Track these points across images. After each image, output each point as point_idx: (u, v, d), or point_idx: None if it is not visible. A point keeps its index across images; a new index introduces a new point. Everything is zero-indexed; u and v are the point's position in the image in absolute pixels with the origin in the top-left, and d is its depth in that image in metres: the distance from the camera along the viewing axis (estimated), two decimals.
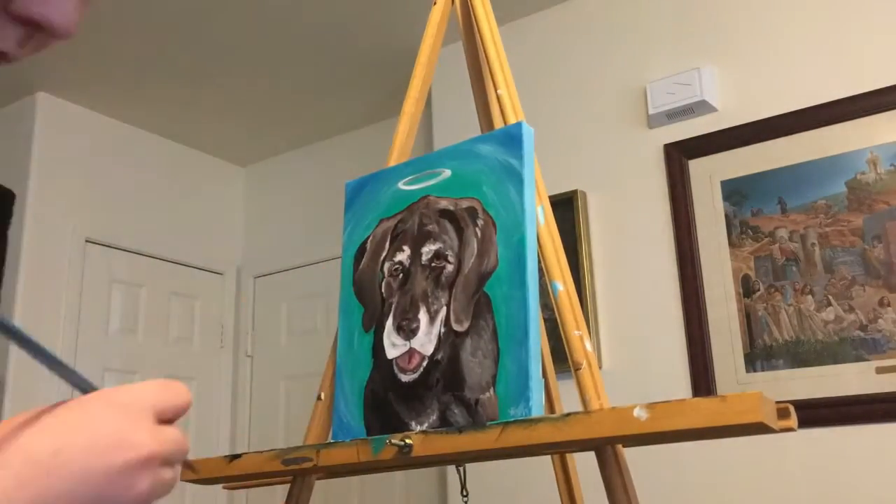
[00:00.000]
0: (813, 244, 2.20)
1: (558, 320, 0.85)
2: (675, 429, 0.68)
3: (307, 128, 3.63)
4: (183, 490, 3.37)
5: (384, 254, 0.95)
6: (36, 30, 0.51)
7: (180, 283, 3.60)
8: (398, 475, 3.04)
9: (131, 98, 3.32)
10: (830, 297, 2.15)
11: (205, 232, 3.75)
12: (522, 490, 2.37)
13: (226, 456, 0.95)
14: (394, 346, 0.90)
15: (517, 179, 0.87)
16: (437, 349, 0.87)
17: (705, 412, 0.67)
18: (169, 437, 0.50)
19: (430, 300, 0.89)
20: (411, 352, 0.89)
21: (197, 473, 0.94)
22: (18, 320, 2.99)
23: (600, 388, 0.80)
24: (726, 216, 2.33)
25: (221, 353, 3.72)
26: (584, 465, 1.05)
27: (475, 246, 0.88)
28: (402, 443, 0.80)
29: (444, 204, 0.93)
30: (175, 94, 3.30)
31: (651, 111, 2.48)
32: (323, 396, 0.99)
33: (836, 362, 2.10)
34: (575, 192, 2.56)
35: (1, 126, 3.31)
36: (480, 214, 0.89)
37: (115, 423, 0.48)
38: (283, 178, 3.85)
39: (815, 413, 2.05)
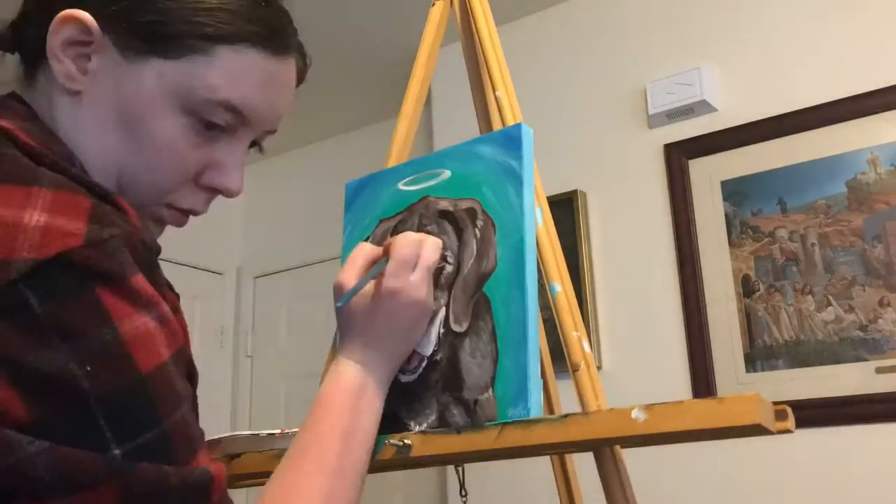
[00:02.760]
0: (813, 244, 2.20)
1: (556, 321, 0.85)
2: (672, 430, 0.68)
3: (307, 128, 3.64)
4: None
5: None
6: (216, 193, 0.74)
7: (180, 283, 3.55)
8: (398, 475, 3.04)
9: None
10: (830, 297, 2.15)
11: (205, 232, 3.74)
12: (521, 490, 2.37)
13: (226, 455, 0.95)
14: None
15: (516, 181, 0.87)
16: (436, 350, 0.87)
17: (702, 414, 0.67)
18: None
19: None
20: (411, 352, 0.89)
21: None
22: None
23: (598, 389, 0.80)
24: (726, 216, 2.33)
25: (221, 353, 3.72)
26: (584, 465, 1.05)
27: (474, 247, 0.88)
28: (401, 443, 0.80)
29: (443, 205, 0.93)
30: None
31: (651, 111, 2.48)
32: None
33: (836, 362, 2.11)
34: (575, 192, 2.56)
35: None
36: (480, 215, 0.89)
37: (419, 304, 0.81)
38: (283, 178, 3.85)
39: (815, 413, 2.05)
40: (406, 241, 0.81)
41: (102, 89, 0.67)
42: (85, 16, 0.65)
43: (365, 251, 0.83)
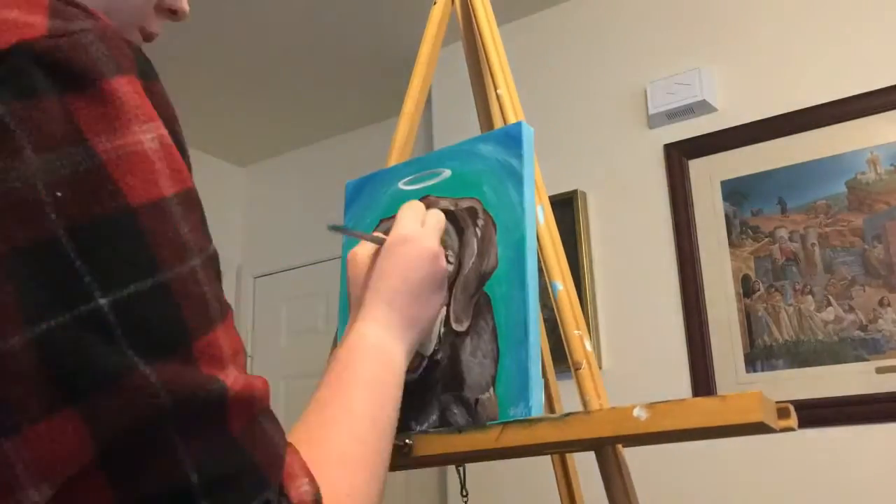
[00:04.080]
0: (813, 244, 2.20)
1: (558, 320, 0.85)
2: (674, 429, 0.68)
3: (307, 128, 3.64)
4: None
5: None
6: (170, 17, 0.67)
7: None
8: (398, 475, 3.04)
9: None
10: (830, 298, 2.15)
11: None
12: (522, 490, 2.37)
13: None
14: None
15: (517, 179, 0.87)
16: (436, 349, 0.87)
17: (705, 412, 0.67)
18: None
19: None
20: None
21: None
22: None
23: (600, 388, 0.80)
24: (726, 216, 2.33)
25: None
26: (585, 464, 1.05)
27: (475, 246, 0.88)
28: (402, 443, 0.80)
29: (444, 204, 0.93)
30: (175, 94, 3.29)
31: (651, 111, 2.48)
32: None
33: (836, 362, 2.10)
34: (575, 192, 2.56)
35: None
36: (480, 214, 0.89)
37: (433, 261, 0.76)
38: (283, 178, 3.86)
39: (815, 413, 2.05)
40: (412, 202, 0.81)
41: None
42: None
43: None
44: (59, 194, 0.40)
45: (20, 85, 0.41)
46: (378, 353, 0.68)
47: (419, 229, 0.76)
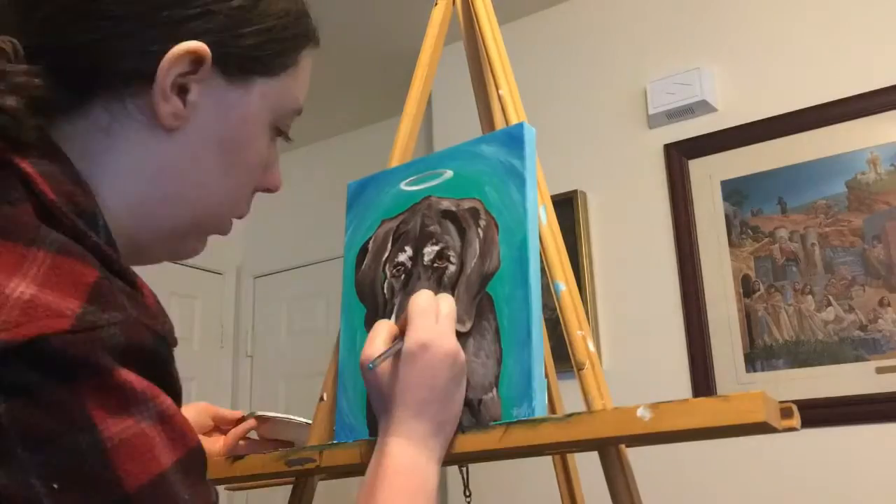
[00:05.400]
0: (813, 244, 2.20)
1: (561, 320, 0.85)
2: (677, 429, 0.68)
3: (307, 128, 3.63)
4: None
5: (386, 255, 0.95)
6: (265, 192, 0.70)
7: (180, 283, 3.59)
8: None
9: None
10: (830, 297, 2.15)
11: None
12: (523, 490, 2.37)
13: (229, 457, 0.95)
14: None
15: (519, 180, 0.87)
16: None
17: (708, 412, 0.67)
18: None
19: None
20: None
21: None
22: None
23: (603, 388, 0.80)
24: (726, 216, 2.34)
25: (221, 353, 3.72)
26: (587, 465, 1.05)
27: (477, 246, 0.88)
28: None
29: (446, 205, 0.93)
30: None
31: (651, 111, 2.48)
32: (325, 397, 0.99)
33: (836, 362, 2.11)
34: (575, 192, 2.57)
35: None
36: (482, 215, 0.89)
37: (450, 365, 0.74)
38: (284, 177, 3.85)
39: (815, 413, 2.05)
40: (422, 295, 0.77)
41: (203, 121, 0.59)
42: (203, 47, 0.57)
43: (386, 326, 0.77)
44: (55, 486, 0.41)
45: (23, 382, 0.42)
46: (409, 478, 0.69)
47: (436, 329, 0.74)
